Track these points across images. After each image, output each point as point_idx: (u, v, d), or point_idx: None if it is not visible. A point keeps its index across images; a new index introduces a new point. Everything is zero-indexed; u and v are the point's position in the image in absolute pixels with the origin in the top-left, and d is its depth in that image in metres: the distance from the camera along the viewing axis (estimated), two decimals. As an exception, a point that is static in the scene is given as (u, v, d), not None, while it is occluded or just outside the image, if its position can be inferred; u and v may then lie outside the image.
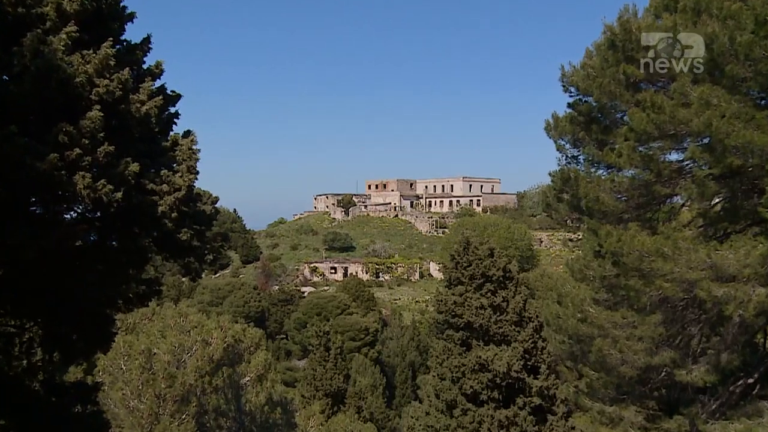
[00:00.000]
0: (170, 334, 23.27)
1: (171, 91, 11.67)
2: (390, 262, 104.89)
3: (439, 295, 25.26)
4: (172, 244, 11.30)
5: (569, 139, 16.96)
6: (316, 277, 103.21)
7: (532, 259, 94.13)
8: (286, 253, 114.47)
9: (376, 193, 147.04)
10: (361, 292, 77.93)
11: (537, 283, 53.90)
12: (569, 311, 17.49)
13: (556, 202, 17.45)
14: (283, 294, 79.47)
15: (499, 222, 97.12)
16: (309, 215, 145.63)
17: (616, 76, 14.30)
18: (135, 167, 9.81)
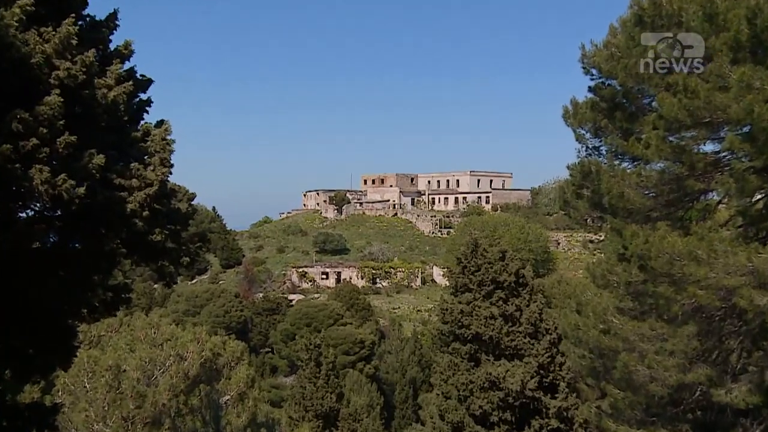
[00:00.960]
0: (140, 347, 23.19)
1: (141, 75, 11.59)
2: (388, 267, 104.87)
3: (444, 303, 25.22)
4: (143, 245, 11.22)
5: (590, 127, 16.90)
6: (306, 284, 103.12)
7: (548, 263, 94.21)
8: (272, 257, 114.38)
9: (373, 189, 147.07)
10: (356, 300, 77.86)
11: (554, 290, 53.86)
12: (590, 322, 17.42)
13: (575, 198, 17.38)
14: (268, 302, 79.41)
15: (510, 221, 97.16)
16: (297, 214, 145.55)
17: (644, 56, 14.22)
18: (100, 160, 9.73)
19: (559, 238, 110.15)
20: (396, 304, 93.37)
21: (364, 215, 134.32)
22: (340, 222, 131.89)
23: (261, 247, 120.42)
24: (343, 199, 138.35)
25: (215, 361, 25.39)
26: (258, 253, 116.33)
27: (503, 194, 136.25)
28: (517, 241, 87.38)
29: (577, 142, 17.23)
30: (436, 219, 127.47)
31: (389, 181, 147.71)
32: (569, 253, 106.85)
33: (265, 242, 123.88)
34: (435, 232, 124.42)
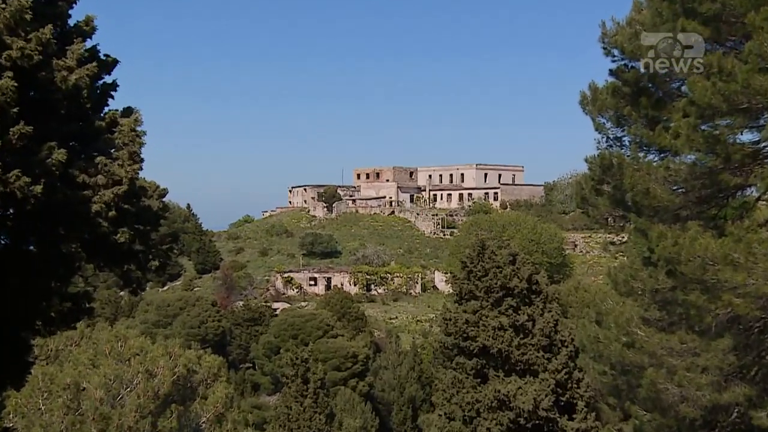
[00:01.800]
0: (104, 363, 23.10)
1: (105, 55, 11.49)
2: (384, 272, 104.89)
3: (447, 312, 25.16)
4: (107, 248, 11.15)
5: (611, 115, 16.86)
6: (292, 291, 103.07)
7: (564, 268, 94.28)
8: (254, 260, 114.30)
9: (367, 184, 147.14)
10: (348, 309, 77.83)
11: (570, 298, 53.86)
12: (612, 334, 17.40)
13: (595, 195, 17.35)
14: (249, 311, 79.32)
15: (522, 220, 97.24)
16: (282, 212, 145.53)
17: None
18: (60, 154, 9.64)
19: (576, 240, 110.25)
20: (393, 313, 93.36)
21: (357, 214, 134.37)
22: (331, 221, 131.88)
23: (241, 250, 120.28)
24: (333, 196, 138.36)
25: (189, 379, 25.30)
26: (238, 257, 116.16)
27: (513, 190, 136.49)
28: (529, 243, 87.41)
29: (596, 131, 17.19)
30: (438, 218, 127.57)
31: (385, 175, 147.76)
32: (588, 257, 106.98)
33: (246, 244, 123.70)
34: (437, 232, 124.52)
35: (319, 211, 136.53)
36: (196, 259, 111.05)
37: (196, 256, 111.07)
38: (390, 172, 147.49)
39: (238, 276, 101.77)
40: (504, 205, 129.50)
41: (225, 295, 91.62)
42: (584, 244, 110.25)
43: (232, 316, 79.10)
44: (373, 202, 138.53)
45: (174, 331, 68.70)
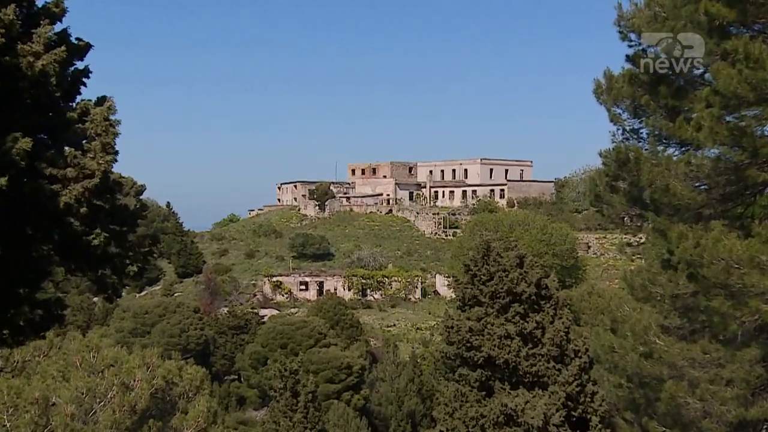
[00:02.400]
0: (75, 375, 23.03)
1: (77, 39, 11.43)
2: (381, 276, 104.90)
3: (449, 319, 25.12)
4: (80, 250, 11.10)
5: (628, 105, 16.86)
6: (281, 296, 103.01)
7: (577, 271, 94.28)
8: (239, 263, 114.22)
9: (363, 180, 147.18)
10: (342, 316, 77.78)
11: (583, 304, 53.89)
12: (628, 343, 17.38)
13: (609, 192, 17.34)
14: (234, 319, 79.24)
15: (530, 220, 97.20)
16: (270, 211, 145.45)
17: (695, 17, 14.16)
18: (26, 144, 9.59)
19: (589, 241, 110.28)
20: (390, 320, 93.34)
21: (352, 212, 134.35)
22: (323, 221, 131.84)
23: (226, 252, 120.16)
24: (326, 193, 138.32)
25: (169, 392, 25.25)
26: (222, 259, 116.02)
27: (521, 187, 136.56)
28: (539, 244, 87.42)
29: (611, 123, 17.20)
30: (440, 217, 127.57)
31: (382, 170, 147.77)
32: (602, 259, 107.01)
33: (231, 245, 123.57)
34: (438, 232, 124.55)
35: (311, 210, 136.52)
36: (176, 262, 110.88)
37: (177, 258, 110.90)
38: (387, 167, 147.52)
39: (222, 280, 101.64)
40: (511, 203, 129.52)
41: (208, 300, 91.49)
42: (598, 246, 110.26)
43: (215, 324, 78.99)
44: (369, 199, 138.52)
45: (152, 340, 68.62)
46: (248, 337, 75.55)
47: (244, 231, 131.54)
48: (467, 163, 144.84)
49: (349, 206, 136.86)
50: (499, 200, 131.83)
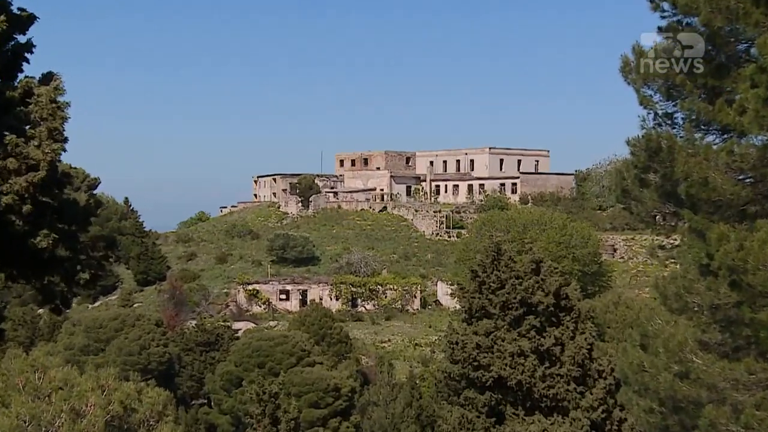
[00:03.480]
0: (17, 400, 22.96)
1: (19, 9, 11.39)
2: (374, 283, 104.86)
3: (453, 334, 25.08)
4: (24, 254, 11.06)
5: (660, 86, 16.85)
6: (257, 307, 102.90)
7: (601, 278, 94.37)
8: (210, 269, 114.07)
9: (353, 173, 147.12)
10: (329, 330, 77.71)
11: (609, 316, 53.97)
12: (661, 361, 17.36)
13: (639, 186, 17.32)
14: (203, 333, 79.11)
15: (547, 219, 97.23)
16: (246, 208, 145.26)
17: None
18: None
19: (615, 243, 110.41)
20: (385, 335, 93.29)
21: (340, 210, 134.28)
22: (307, 219, 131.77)
23: (193, 256, 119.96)
24: (310, 187, 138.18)
25: (127, 419, 25.22)
26: (189, 264, 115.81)
27: (537, 180, 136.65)
28: (557, 247, 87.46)
29: (641, 106, 17.18)
30: (442, 215, 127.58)
31: (375, 161, 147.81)
32: (630, 264, 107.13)
33: (200, 248, 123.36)
34: (440, 233, 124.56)
35: (292, 207, 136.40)
36: (136, 268, 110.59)
37: (137, 263, 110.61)
38: (381, 157, 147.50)
39: (189, 289, 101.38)
40: (525, 199, 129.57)
41: (173, 312, 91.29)
42: (626, 248, 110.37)
43: (181, 340, 78.85)
44: (359, 195, 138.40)
45: (107, 358, 68.41)
46: (219, 354, 75.39)
47: (214, 231, 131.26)
48: (474, 152, 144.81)
49: (336, 203, 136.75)
50: (511, 195, 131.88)
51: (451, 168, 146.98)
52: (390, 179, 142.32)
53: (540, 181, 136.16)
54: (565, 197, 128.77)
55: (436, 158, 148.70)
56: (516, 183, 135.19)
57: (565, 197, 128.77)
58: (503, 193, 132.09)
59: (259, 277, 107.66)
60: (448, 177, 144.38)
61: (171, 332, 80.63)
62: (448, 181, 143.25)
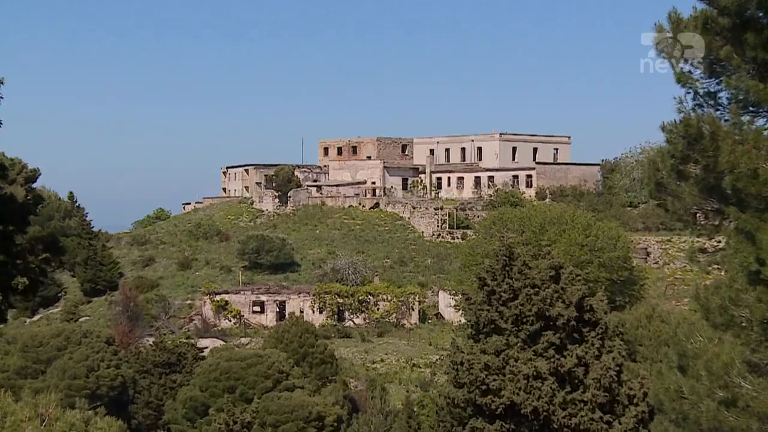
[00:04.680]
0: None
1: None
2: (365, 293, 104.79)
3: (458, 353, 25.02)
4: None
5: (701, 60, 16.84)
6: (227, 321, 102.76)
7: (632, 287, 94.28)
8: (170, 276, 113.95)
9: (340, 163, 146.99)
10: (311, 348, 77.67)
11: (641, 332, 53.90)
12: (703, 386, 17.38)
13: (676, 179, 17.32)
14: (163, 353, 79.05)
15: (568, 217, 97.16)
16: (213, 205, 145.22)
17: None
18: None
19: (649, 245, 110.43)
20: (377, 354, 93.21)
21: (325, 207, 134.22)
22: (285, 218, 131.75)
23: (151, 261, 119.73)
24: (289, 180, 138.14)
25: (73, 453, 25.16)
26: (146, 271, 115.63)
27: (555, 172, 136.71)
28: (580, 251, 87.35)
29: (678, 84, 17.16)
30: (444, 213, 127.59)
31: (366, 149, 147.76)
32: (666, 270, 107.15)
33: (159, 252, 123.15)
34: (442, 234, 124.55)
35: (268, 203, 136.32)
36: (82, 275, 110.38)
37: (83, 269, 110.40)
38: (372, 144, 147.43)
39: (146, 299, 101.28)
40: (542, 193, 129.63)
41: (126, 328, 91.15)
42: (661, 252, 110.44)
43: (136, 360, 78.78)
44: (347, 189, 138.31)
45: (48, 382, 68.27)
46: (182, 377, 75.36)
47: (176, 232, 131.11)
48: (481, 139, 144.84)
49: (320, 198, 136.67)
50: (526, 190, 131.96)
51: (454, 157, 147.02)
52: (383, 170, 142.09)
53: (560, 173, 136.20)
54: (590, 192, 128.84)
55: (437, 146, 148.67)
56: (531, 175, 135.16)
57: (590, 192, 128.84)
58: (516, 187, 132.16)
59: (228, 286, 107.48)
60: (451, 168, 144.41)
61: (124, 351, 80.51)
62: (452, 172, 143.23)
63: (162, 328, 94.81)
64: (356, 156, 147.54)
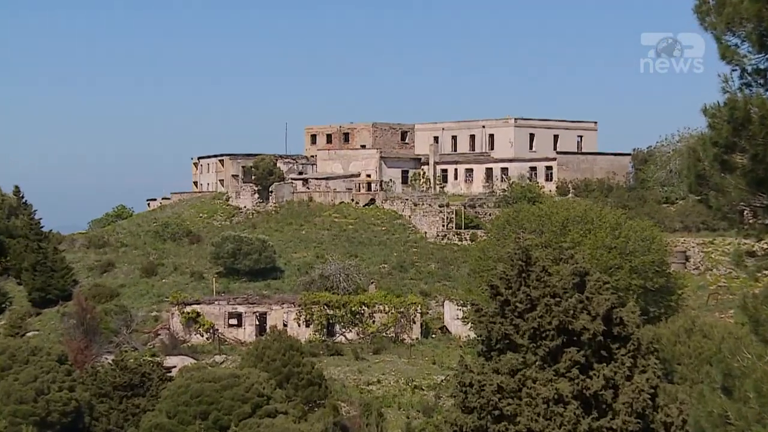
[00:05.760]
0: None
1: None
2: (359, 303, 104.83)
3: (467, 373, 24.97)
4: None
5: (749, 31, 16.87)
6: (199, 335, 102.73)
7: (669, 296, 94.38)
8: (133, 284, 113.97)
9: (330, 152, 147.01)
10: (296, 367, 77.72)
11: (679, 349, 54.03)
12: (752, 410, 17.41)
13: (720, 171, 17.35)
14: (124, 373, 79.10)
15: (594, 215, 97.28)
16: (183, 201, 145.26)
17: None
18: None
19: (688, 248, 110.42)
20: (373, 374, 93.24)
21: (312, 203, 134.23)
22: (266, 216, 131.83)
23: (110, 266, 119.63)
24: (270, 173, 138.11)
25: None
26: (105, 278, 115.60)
27: (580, 163, 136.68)
28: (608, 254, 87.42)
29: (722, 60, 17.18)
30: (450, 210, 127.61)
31: (360, 136, 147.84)
32: (708, 277, 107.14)
33: (119, 256, 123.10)
34: (448, 235, 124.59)
35: (246, 199, 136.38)
36: (31, 283, 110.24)
37: (32, 276, 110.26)
38: (367, 131, 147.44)
39: (104, 311, 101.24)
40: (564, 188, 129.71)
41: (82, 344, 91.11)
42: (702, 256, 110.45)
43: (93, 382, 78.79)
44: (338, 183, 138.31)
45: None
46: (146, 401, 75.43)
47: (139, 233, 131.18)
48: (494, 124, 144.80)
49: (306, 193, 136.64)
50: (545, 184, 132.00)
51: (463, 146, 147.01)
52: (379, 161, 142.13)
53: (585, 164, 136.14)
54: (619, 186, 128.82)
55: (442, 133, 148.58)
56: (551, 166, 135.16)
57: (619, 186, 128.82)
58: (534, 181, 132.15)
59: (200, 296, 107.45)
60: (458, 158, 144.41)
61: (79, 371, 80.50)
62: (459, 164, 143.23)
63: (123, 344, 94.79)
64: (348, 144, 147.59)
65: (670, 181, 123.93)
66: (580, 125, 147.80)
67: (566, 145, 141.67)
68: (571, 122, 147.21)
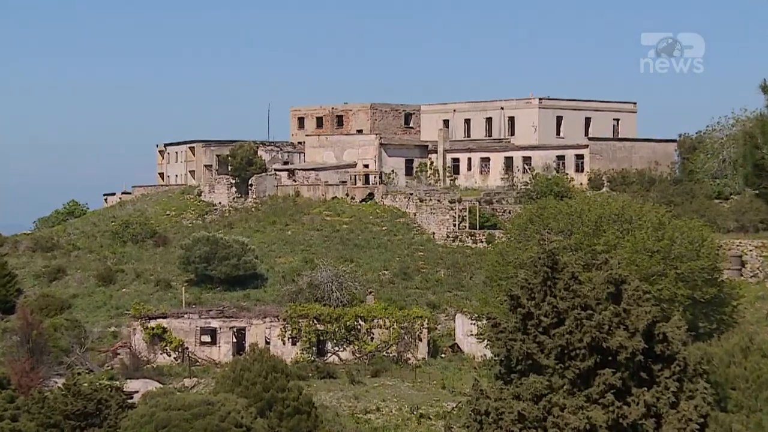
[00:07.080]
0: None
1: None
2: (354, 317, 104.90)
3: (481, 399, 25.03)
4: None
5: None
6: (165, 355, 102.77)
7: (722, 308, 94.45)
8: (87, 294, 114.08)
9: (321, 138, 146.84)
10: (281, 392, 77.89)
11: (733, 371, 54.07)
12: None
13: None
14: (77, 399, 79.28)
15: (633, 213, 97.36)
16: (147, 195, 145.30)
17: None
18: None
19: (744, 251, 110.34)
20: (371, 401, 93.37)
21: (300, 199, 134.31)
22: (245, 214, 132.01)
23: (61, 273, 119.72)
24: (250, 163, 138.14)
25: None
26: (54, 287, 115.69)
27: (615, 151, 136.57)
28: (649, 260, 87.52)
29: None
30: (463, 207, 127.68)
31: (356, 119, 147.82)
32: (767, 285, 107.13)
33: (72, 261, 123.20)
34: (460, 236, 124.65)
35: (222, 194, 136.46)
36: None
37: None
38: (365, 113, 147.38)
39: (53, 326, 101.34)
40: (597, 180, 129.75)
41: (27, 365, 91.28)
42: (761, 261, 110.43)
43: (40, 409, 79.00)
44: (330, 174, 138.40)
45: None
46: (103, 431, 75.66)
47: (95, 234, 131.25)
48: (514, 105, 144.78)
49: (293, 186, 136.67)
50: (575, 175, 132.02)
51: (477, 131, 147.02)
52: (379, 149, 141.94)
53: (621, 153, 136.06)
54: (663, 178, 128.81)
55: (453, 115, 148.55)
56: (582, 155, 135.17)
57: (663, 178, 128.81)
58: (562, 172, 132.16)
59: (167, 308, 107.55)
60: (472, 146, 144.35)
61: (23, 397, 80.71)
62: (473, 152, 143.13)
63: (76, 365, 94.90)
64: (342, 129, 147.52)
65: (723, 173, 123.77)
66: (616, 106, 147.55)
67: (600, 130, 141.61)
68: (606, 103, 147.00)
